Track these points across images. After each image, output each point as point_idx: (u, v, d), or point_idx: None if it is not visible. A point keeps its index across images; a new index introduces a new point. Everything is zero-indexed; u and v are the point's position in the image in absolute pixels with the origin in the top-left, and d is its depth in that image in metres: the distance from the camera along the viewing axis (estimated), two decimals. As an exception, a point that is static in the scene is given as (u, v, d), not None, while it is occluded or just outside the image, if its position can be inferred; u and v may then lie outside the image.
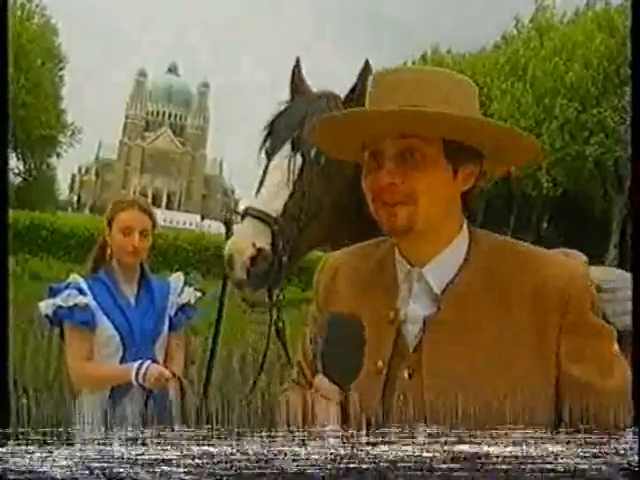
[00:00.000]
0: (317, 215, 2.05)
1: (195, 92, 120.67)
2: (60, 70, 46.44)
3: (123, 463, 1.05)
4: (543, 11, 37.53)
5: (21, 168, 44.90)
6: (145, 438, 1.09)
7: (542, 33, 35.56)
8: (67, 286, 2.61)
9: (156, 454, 1.07)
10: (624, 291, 1.75)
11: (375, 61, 2.12)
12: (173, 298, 2.76)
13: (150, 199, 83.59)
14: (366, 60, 2.12)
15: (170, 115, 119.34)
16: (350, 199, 2.05)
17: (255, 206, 2.02)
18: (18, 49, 34.15)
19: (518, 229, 32.02)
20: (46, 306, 2.60)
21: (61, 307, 2.57)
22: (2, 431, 1.11)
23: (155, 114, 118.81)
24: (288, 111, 2.18)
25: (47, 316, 2.61)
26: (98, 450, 1.08)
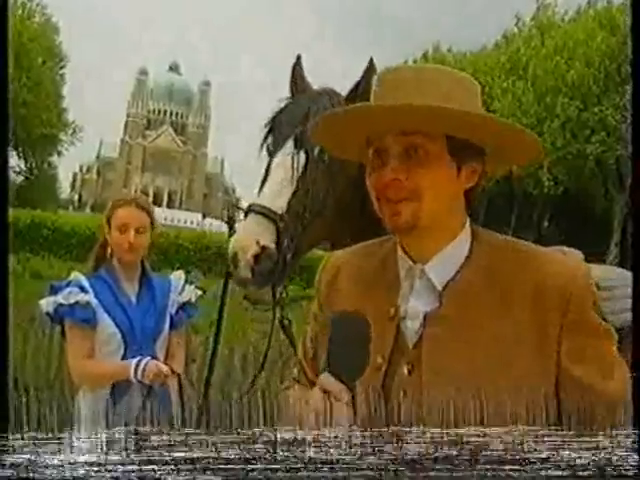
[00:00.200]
0: (320, 213, 2.04)
1: (196, 91, 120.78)
2: (61, 69, 46.47)
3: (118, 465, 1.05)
4: (544, 9, 37.50)
5: (22, 167, 44.96)
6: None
7: (543, 31, 35.53)
8: (68, 284, 2.62)
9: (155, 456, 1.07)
10: (621, 289, 1.75)
11: (376, 60, 2.12)
12: (174, 296, 2.77)
13: (151, 198, 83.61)
14: (370, 58, 2.11)
15: (171, 114, 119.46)
16: (353, 197, 2.04)
17: (259, 202, 2.01)
18: (19, 48, 34.18)
19: (519, 227, 32.02)
20: (47, 304, 2.61)
21: (62, 305, 2.58)
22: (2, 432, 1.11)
23: (156, 113, 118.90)
24: (290, 108, 2.16)
25: (48, 314, 2.62)
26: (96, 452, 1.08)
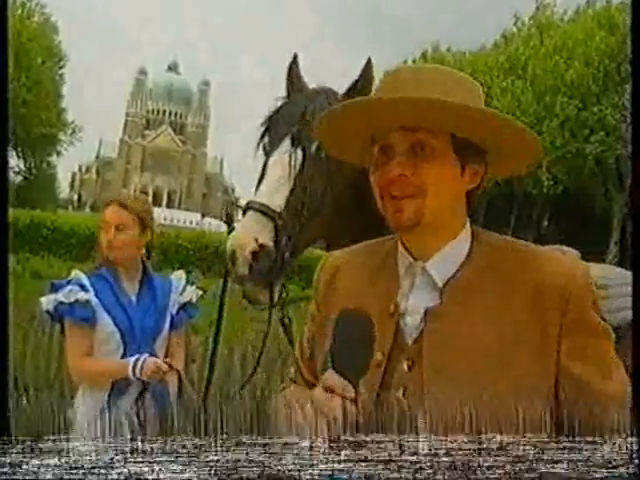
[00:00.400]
0: (318, 211, 2.04)
1: (195, 90, 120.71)
2: (60, 68, 46.46)
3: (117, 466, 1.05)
4: (543, 9, 37.51)
5: (21, 167, 44.95)
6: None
7: (542, 31, 35.54)
8: (69, 282, 2.63)
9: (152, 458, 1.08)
10: (618, 288, 1.75)
11: (375, 59, 2.12)
12: (175, 296, 2.77)
13: (151, 197, 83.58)
14: (369, 58, 2.11)
15: (170, 113, 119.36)
16: (351, 196, 2.05)
17: (257, 200, 2.00)
18: (18, 47, 34.16)
19: (519, 227, 32.04)
20: (47, 302, 2.62)
21: (62, 303, 2.58)
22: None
23: (155, 112, 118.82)
24: (286, 107, 2.16)
25: (48, 312, 2.63)
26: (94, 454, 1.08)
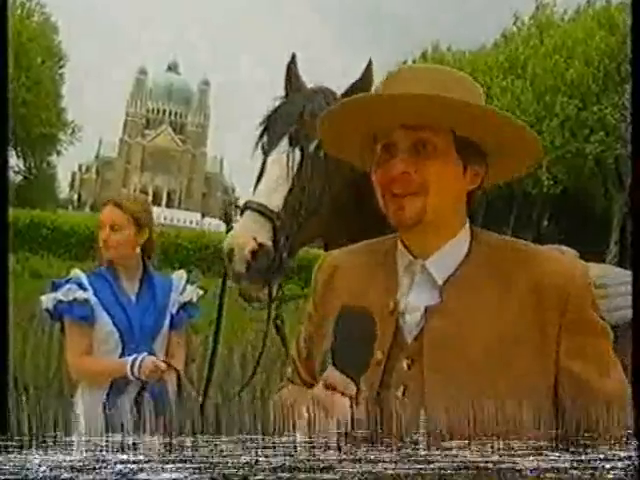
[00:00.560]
0: (316, 211, 2.04)
1: (195, 90, 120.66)
2: (60, 68, 46.46)
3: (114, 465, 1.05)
4: (543, 9, 37.50)
5: (21, 166, 44.96)
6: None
7: (542, 31, 35.53)
8: (68, 281, 2.65)
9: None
10: (617, 287, 1.75)
11: (375, 59, 2.12)
12: (175, 296, 2.78)
13: (150, 197, 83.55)
14: (369, 60, 2.12)
15: (170, 113, 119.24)
16: (349, 195, 2.05)
17: (256, 199, 2.01)
18: (18, 47, 34.16)
19: (518, 226, 32.04)
20: (47, 300, 2.64)
21: (61, 301, 2.60)
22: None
23: (155, 112, 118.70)
24: (285, 106, 2.17)
25: (48, 310, 2.65)
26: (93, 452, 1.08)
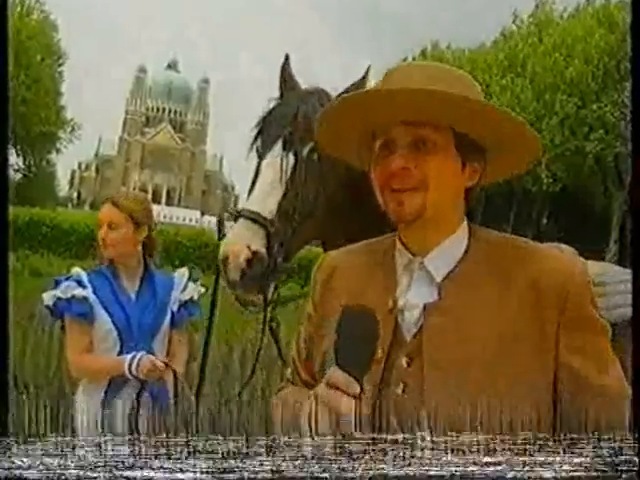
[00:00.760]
0: (311, 214, 2.04)
1: (195, 88, 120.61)
2: (60, 66, 46.41)
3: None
4: (542, 7, 37.49)
5: (21, 164, 44.91)
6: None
7: (541, 29, 35.52)
8: (68, 278, 2.66)
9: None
10: (615, 285, 1.76)
11: (375, 57, 2.13)
12: (176, 294, 2.78)
13: (150, 195, 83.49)
14: (369, 66, 2.12)
15: (170, 111, 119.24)
16: (345, 196, 2.05)
17: (249, 207, 2.00)
18: (18, 45, 34.13)
19: (518, 224, 32.03)
20: (48, 297, 2.65)
21: (60, 298, 2.62)
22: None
23: (155, 110, 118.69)
24: (278, 108, 2.16)
25: (48, 307, 2.66)
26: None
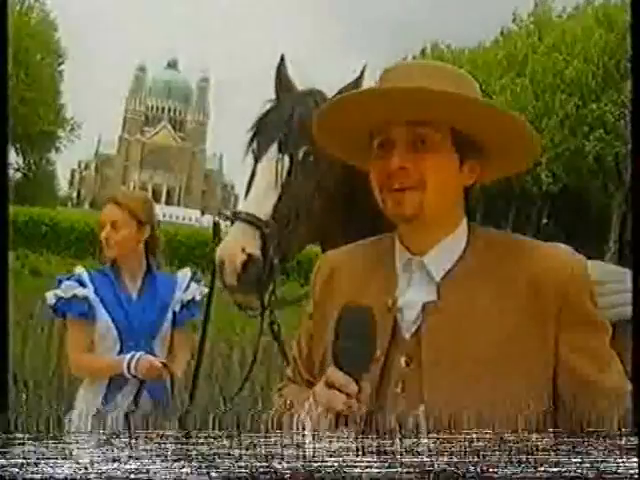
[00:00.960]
0: (308, 215, 2.03)
1: (195, 87, 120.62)
2: (59, 65, 46.42)
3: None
4: (542, 6, 37.51)
5: (20, 163, 44.95)
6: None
7: (541, 28, 35.55)
8: (69, 277, 2.66)
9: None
10: (613, 284, 1.76)
11: (374, 56, 2.13)
12: (179, 294, 2.76)
13: (150, 194, 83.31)
14: (364, 65, 2.12)
15: (170, 110, 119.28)
16: (342, 197, 2.05)
17: (245, 210, 2.00)
18: (17, 44, 34.12)
19: (518, 224, 32.08)
20: (50, 296, 2.65)
21: (62, 298, 2.62)
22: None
23: (155, 109, 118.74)
24: (274, 110, 2.15)
25: (51, 306, 2.66)
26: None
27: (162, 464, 1.06)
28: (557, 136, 30.84)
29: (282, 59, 2.26)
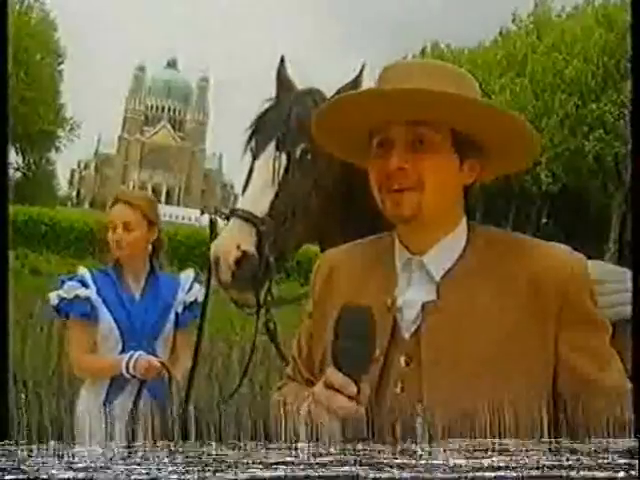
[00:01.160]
0: (305, 213, 2.04)
1: (194, 87, 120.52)
2: (59, 65, 46.41)
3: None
4: (542, 6, 37.51)
5: (20, 163, 44.94)
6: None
7: (540, 28, 35.54)
8: (72, 278, 2.65)
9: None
10: (612, 284, 1.76)
11: (374, 56, 2.12)
12: (182, 295, 2.75)
13: (149, 194, 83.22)
14: (363, 63, 2.12)
15: (169, 110, 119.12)
16: (339, 196, 2.05)
17: (241, 207, 2.00)
18: (17, 44, 34.11)
19: (517, 224, 32.06)
20: (53, 297, 2.65)
21: (64, 298, 2.61)
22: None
23: (154, 109, 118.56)
24: (273, 109, 2.16)
25: (54, 307, 2.65)
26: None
27: (163, 465, 1.06)
28: (557, 136, 30.84)
29: (282, 60, 2.26)
